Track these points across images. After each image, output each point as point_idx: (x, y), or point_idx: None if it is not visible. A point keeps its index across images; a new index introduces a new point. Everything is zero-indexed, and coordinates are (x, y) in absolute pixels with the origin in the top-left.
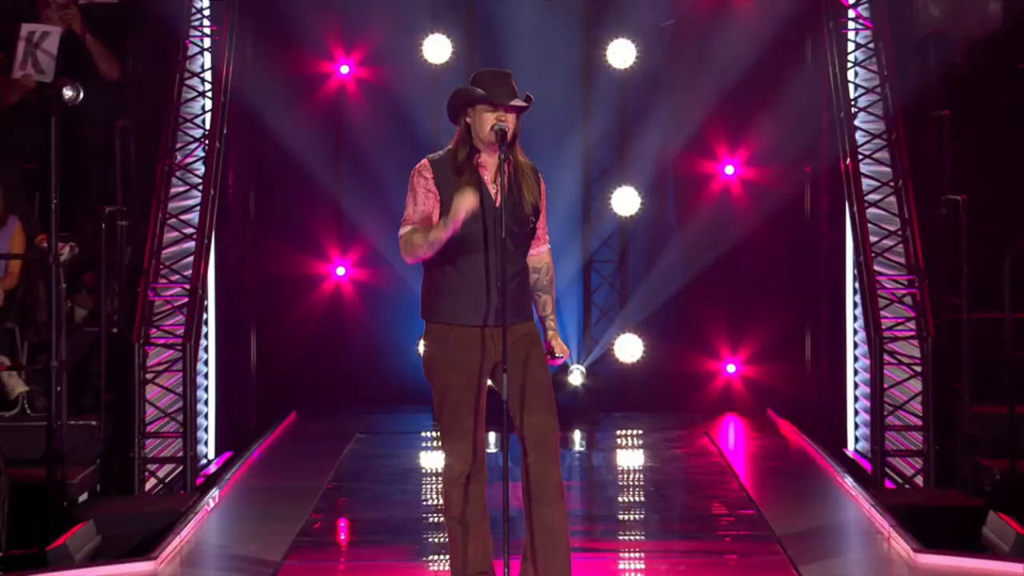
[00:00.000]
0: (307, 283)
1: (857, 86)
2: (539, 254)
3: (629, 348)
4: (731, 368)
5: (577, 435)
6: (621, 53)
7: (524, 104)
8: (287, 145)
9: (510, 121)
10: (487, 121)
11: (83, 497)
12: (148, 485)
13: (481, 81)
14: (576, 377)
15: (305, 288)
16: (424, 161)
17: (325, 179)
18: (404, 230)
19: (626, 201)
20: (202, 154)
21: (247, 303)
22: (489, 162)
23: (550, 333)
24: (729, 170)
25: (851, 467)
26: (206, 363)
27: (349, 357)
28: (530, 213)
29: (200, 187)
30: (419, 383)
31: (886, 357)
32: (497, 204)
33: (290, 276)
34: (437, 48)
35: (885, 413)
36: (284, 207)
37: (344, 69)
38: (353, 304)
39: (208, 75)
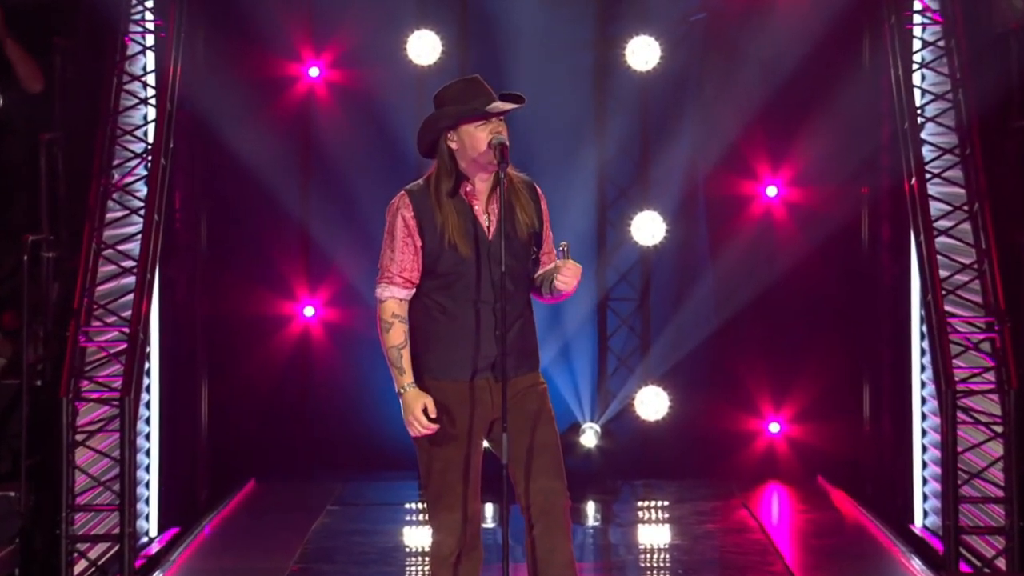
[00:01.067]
0: (270, 325)
1: (924, 92)
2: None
3: (653, 403)
4: (774, 427)
5: (591, 507)
6: (642, 52)
7: (518, 104)
8: (246, 161)
9: (505, 130)
10: (480, 138)
11: None
12: (77, 568)
13: (454, 97)
14: (589, 437)
15: (267, 331)
16: (403, 195)
17: (291, 201)
18: (381, 289)
19: (648, 228)
20: (144, 172)
21: (198, 350)
22: (481, 188)
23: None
24: (771, 191)
25: (919, 547)
26: (148, 421)
27: (319, 414)
28: (529, 241)
29: (142, 212)
30: (402, 445)
31: (960, 415)
32: (491, 237)
33: (249, 317)
34: (424, 47)
35: (959, 482)
36: (242, 235)
37: (314, 72)
38: (324, 350)
39: (151, 78)
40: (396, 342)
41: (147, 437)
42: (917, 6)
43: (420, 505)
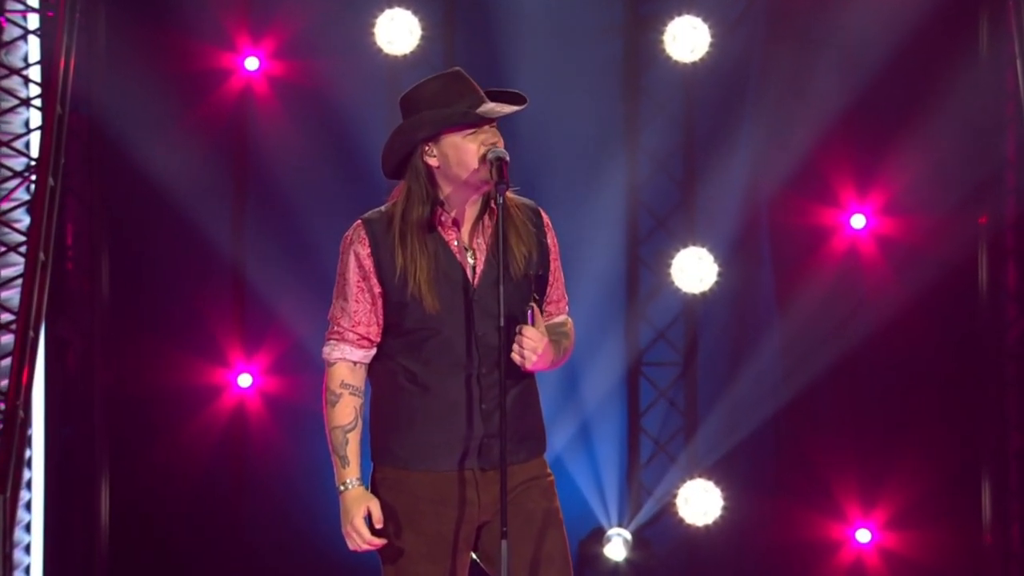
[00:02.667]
0: (193, 400)
1: None
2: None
3: (701, 502)
4: (863, 535)
5: None
6: (686, 38)
7: (519, 106)
8: (161, 182)
9: (500, 142)
10: (470, 152)
11: None
12: None
13: (431, 99)
14: (617, 547)
15: (190, 408)
16: (357, 226)
17: (221, 235)
18: (328, 349)
19: (694, 270)
20: (26, 197)
21: (97, 432)
22: (466, 216)
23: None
24: (858, 221)
25: None
26: (29, 528)
27: (257, 515)
28: (528, 285)
29: (23, 249)
30: (366, 557)
31: None
32: (477, 282)
33: (166, 390)
34: (397, 31)
35: None
36: (156, 280)
37: (251, 63)
38: (264, 432)
39: (35, 72)
40: (342, 422)
41: (27, 549)
42: None
43: None
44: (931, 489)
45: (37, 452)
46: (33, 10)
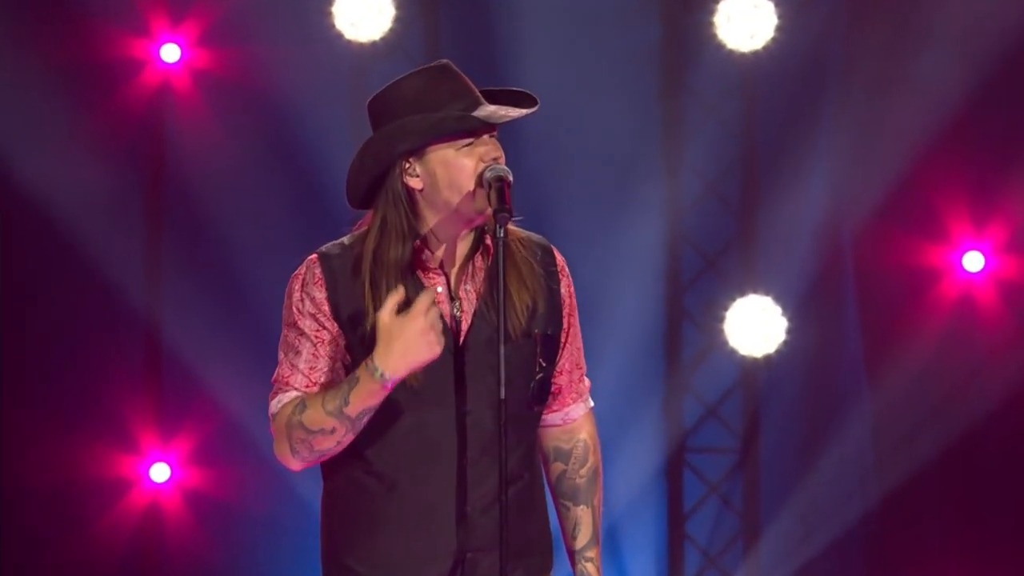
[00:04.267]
0: (94, 497)
1: None
2: (568, 423)
3: None
4: None
5: None
6: (745, 21)
7: (526, 110)
8: (51, 207)
9: (502, 157)
10: (464, 170)
11: None
12: None
13: (414, 101)
14: None
15: (90, 507)
16: (311, 262)
17: (128, 276)
18: (276, 402)
19: (756, 325)
20: None
21: None
22: (453, 254)
23: None
24: (972, 262)
25: None
26: None
27: None
28: (532, 348)
29: None
30: None
31: None
32: (464, 339)
33: (58, 485)
34: (363, 11)
35: None
36: (44, 337)
37: (170, 53)
38: (184, 539)
39: None
40: (309, 408)
41: None
42: None
43: None
44: None
45: None
46: None
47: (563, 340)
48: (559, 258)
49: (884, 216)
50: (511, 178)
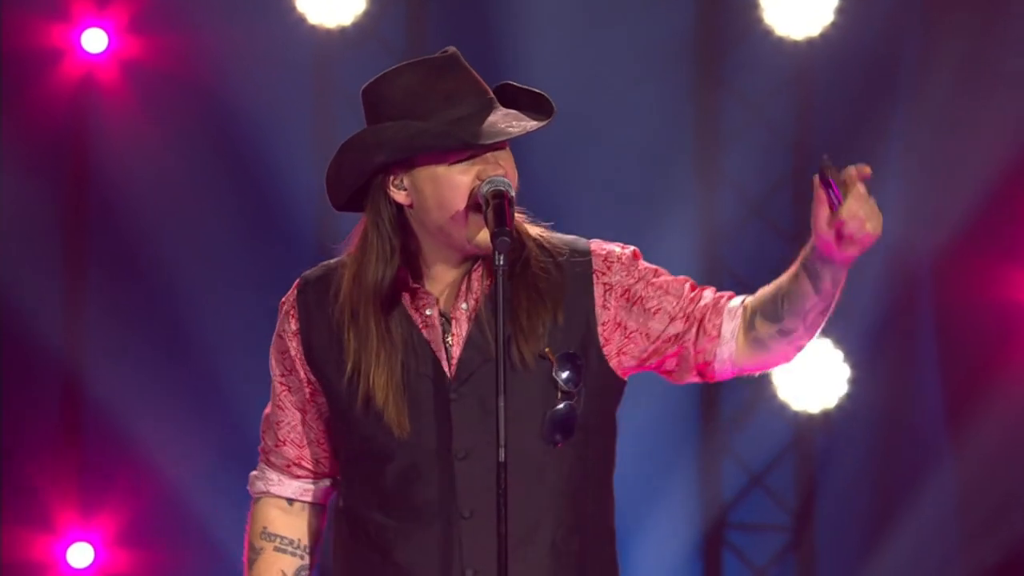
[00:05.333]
0: None
1: None
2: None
3: None
4: None
5: None
6: (797, 4)
7: (541, 121)
8: None
9: (511, 172)
10: (457, 189)
11: None
12: None
13: (404, 100)
14: None
15: None
16: (292, 289)
17: (43, 315)
18: (254, 489)
19: (811, 374)
20: None
21: None
22: (446, 279)
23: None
24: None
25: None
26: None
27: None
28: (548, 368)
29: None
30: None
31: None
32: (453, 374)
33: None
34: None
35: None
36: None
37: (94, 42)
38: None
39: None
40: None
41: None
42: None
43: None
44: None
45: None
46: None
47: (618, 337)
48: (599, 252)
49: (970, 240)
50: (511, 192)
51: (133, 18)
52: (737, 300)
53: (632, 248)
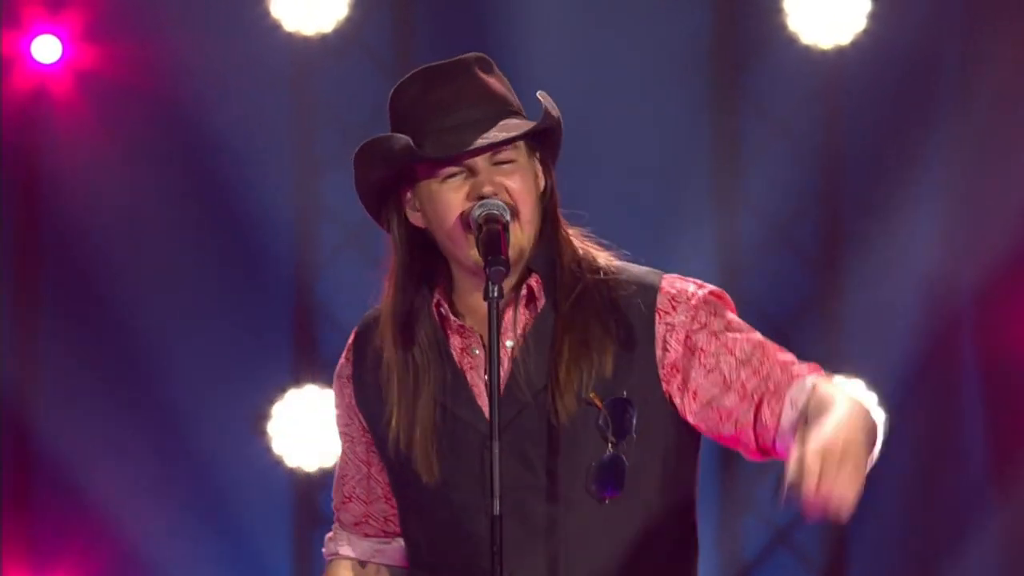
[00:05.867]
0: None
1: None
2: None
3: None
4: None
5: None
6: (826, 8)
7: (544, 123)
8: None
9: (514, 188)
10: (449, 208)
11: None
12: None
13: (406, 109)
14: None
15: None
16: (352, 332)
17: None
18: (327, 551)
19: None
20: None
21: None
22: (480, 304)
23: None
24: None
25: None
26: None
27: None
28: (593, 416)
29: None
30: None
31: None
32: (499, 416)
33: None
34: None
35: None
36: None
37: (46, 50)
38: None
39: None
40: None
41: None
42: None
43: None
44: None
45: None
46: None
47: (677, 393)
48: (668, 289)
49: (1017, 275)
50: (508, 217)
51: (89, 24)
52: (808, 381)
53: (710, 288)
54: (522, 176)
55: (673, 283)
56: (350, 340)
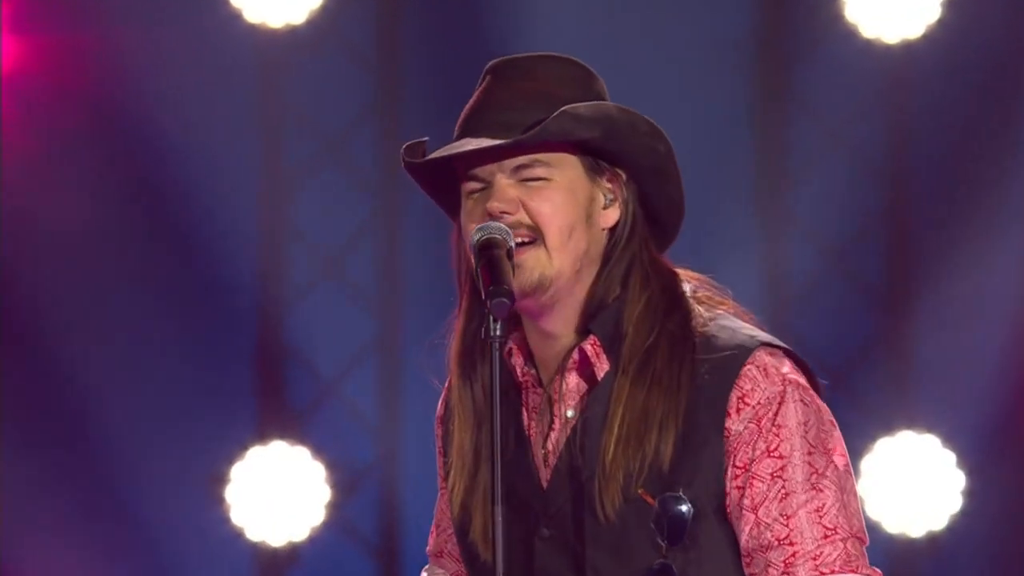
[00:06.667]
0: None
1: None
2: None
3: None
4: None
5: None
6: (888, 6)
7: (498, 140)
8: None
9: (538, 209)
10: (467, 224)
11: None
12: None
13: (463, 113)
14: None
15: None
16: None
17: None
18: None
19: (914, 478)
20: None
21: None
22: (545, 358)
23: None
24: None
25: None
26: None
27: None
28: (644, 515)
29: None
30: None
31: None
32: (545, 500)
33: None
34: None
35: None
36: None
37: None
38: None
39: None
40: None
41: None
42: None
43: None
44: None
45: None
46: None
47: (743, 512)
48: (749, 376)
49: None
50: (513, 242)
51: (17, 14)
52: None
53: (803, 386)
54: (555, 195)
55: (763, 358)
56: (446, 385)
